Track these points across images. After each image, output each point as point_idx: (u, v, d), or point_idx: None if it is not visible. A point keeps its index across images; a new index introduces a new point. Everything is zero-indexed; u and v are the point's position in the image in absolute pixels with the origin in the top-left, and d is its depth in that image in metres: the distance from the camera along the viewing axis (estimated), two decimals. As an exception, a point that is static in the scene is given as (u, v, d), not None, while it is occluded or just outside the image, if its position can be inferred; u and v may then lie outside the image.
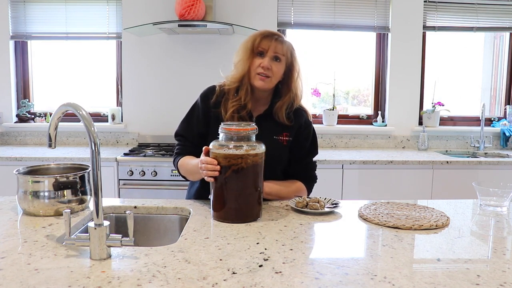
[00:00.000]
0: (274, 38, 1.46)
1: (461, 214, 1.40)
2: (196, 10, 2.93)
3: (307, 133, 1.58)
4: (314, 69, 3.55)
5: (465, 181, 2.79)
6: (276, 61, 1.46)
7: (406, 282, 0.87)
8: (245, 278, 0.88)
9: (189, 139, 1.55)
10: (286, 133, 1.53)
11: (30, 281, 0.86)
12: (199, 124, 1.53)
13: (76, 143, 3.41)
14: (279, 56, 1.46)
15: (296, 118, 1.54)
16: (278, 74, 1.48)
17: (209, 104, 1.51)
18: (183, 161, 1.51)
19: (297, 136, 1.55)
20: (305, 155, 1.59)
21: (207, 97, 1.52)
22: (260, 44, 1.45)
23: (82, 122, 1.00)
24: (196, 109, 1.55)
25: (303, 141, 1.57)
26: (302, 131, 1.56)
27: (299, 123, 1.55)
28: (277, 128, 1.52)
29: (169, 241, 1.31)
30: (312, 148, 1.61)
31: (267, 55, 1.45)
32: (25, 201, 1.30)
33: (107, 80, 3.51)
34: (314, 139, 1.61)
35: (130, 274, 0.90)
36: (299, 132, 1.55)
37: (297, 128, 1.55)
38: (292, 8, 3.35)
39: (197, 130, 1.53)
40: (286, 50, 1.47)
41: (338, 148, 3.41)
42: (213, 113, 1.50)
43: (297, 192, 1.55)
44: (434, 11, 3.39)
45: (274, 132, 1.51)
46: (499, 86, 3.66)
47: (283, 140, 1.52)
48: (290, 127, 1.53)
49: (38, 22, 3.35)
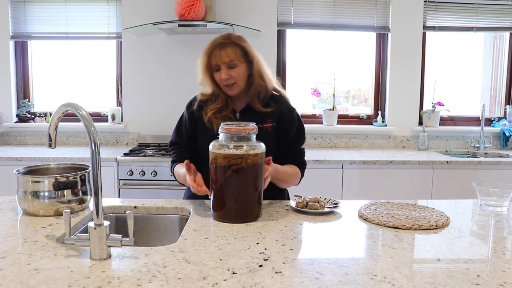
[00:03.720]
0: (218, 48, 1.50)
1: (461, 214, 1.40)
2: (196, 10, 2.93)
3: (291, 119, 1.61)
4: (314, 69, 3.55)
5: (465, 181, 2.79)
6: (232, 68, 1.51)
7: (406, 282, 0.87)
8: (245, 278, 0.88)
9: (183, 144, 1.64)
10: (269, 119, 1.57)
11: (30, 281, 0.86)
12: (187, 130, 1.62)
13: (76, 143, 3.41)
14: (230, 63, 1.50)
15: (276, 103, 1.59)
16: (241, 75, 1.52)
17: (192, 110, 1.61)
18: (176, 170, 1.60)
19: (280, 122, 1.58)
20: (292, 141, 1.62)
21: (191, 104, 1.63)
22: (209, 61, 1.52)
23: (82, 122, 1.00)
24: (183, 117, 1.65)
25: (288, 127, 1.60)
26: (285, 117, 1.59)
27: (281, 109, 1.59)
28: (260, 117, 1.55)
29: (169, 241, 1.31)
30: (299, 134, 1.64)
31: (221, 68, 1.51)
32: (25, 201, 1.30)
33: (107, 80, 3.51)
34: (299, 126, 1.64)
35: (130, 274, 0.90)
36: (282, 119, 1.59)
37: (279, 114, 1.58)
38: (292, 8, 3.35)
39: (187, 135, 1.62)
40: (233, 53, 1.50)
41: (338, 148, 3.41)
42: (197, 116, 1.59)
43: (295, 176, 1.61)
44: (434, 11, 3.39)
45: (258, 121, 1.53)
46: (499, 86, 3.66)
47: (268, 127, 1.56)
48: (272, 113, 1.57)
49: (38, 22, 3.35)
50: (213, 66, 1.52)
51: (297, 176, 1.62)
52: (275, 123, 1.57)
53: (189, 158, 1.55)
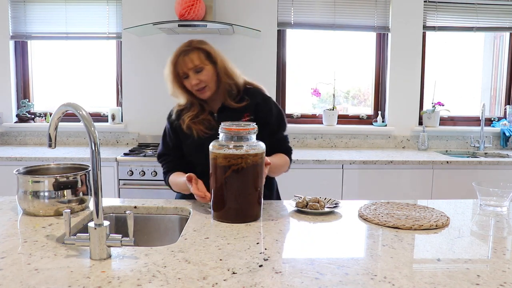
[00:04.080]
0: (181, 56, 1.52)
1: (461, 214, 1.40)
2: (196, 10, 2.93)
3: (268, 109, 1.61)
4: (314, 69, 3.55)
5: (465, 181, 2.79)
6: (199, 72, 1.52)
7: (406, 282, 0.87)
8: (245, 278, 0.88)
9: (170, 154, 1.65)
10: (247, 113, 1.58)
11: (30, 281, 0.86)
12: (172, 139, 1.64)
13: (76, 143, 3.41)
14: (197, 68, 1.51)
15: (250, 96, 1.59)
16: (210, 77, 1.54)
17: (172, 120, 1.64)
18: (171, 180, 1.61)
19: (258, 113, 1.59)
20: (274, 130, 1.62)
21: (170, 115, 1.66)
22: (176, 70, 1.53)
23: (82, 122, 1.00)
24: (166, 129, 1.67)
25: (266, 116, 1.60)
26: (261, 108, 1.60)
27: (255, 101, 1.60)
28: (237, 113, 1.57)
29: (169, 241, 1.31)
30: (279, 121, 1.64)
31: (189, 74, 1.52)
32: (25, 201, 1.30)
33: (107, 80, 3.51)
34: (279, 114, 1.64)
35: (130, 274, 0.90)
36: (259, 109, 1.59)
37: (255, 105, 1.59)
38: (292, 8, 3.35)
39: (172, 144, 1.64)
40: (197, 57, 1.51)
41: (338, 148, 3.41)
42: (177, 125, 1.61)
43: (286, 163, 1.62)
44: (434, 11, 3.39)
45: (235, 118, 1.56)
46: (499, 86, 3.66)
47: (245, 121, 1.56)
48: (248, 107, 1.58)
49: (38, 22, 3.35)
50: (181, 74, 1.53)
51: (286, 164, 1.63)
52: (252, 116, 1.58)
53: (180, 166, 1.62)
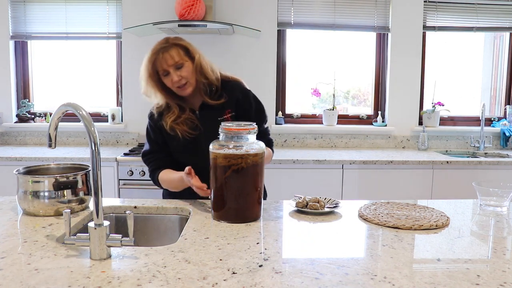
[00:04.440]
0: (161, 53, 1.48)
1: (461, 214, 1.40)
2: (196, 10, 2.93)
3: (248, 103, 1.60)
4: (314, 69, 3.55)
5: (465, 181, 2.79)
6: (180, 68, 1.49)
7: (406, 282, 0.87)
8: (245, 278, 0.88)
9: (157, 150, 1.62)
10: (228, 109, 1.57)
11: (30, 281, 0.86)
12: (157, 138, 1.61)
13: (76, 143, 3.41)
14: (177, 64, 1.48)
15: (229, 91, 1.58)
16: (191, 73, 1.51)
17: (154, 119, 1.60)
18: (162, 177, 1.58)
19: (238, 108, 1.58)
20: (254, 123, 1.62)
21: (152, 114, 1.62)
22: (155, 68, 1.49)
23: (82, 122, 1.00)
24: (149, 127, 1.64)
25: (247, 111, 1.59)
26: (241, 103, 1.59)
27: (236, 96, 1.58)
28: (218, 110, 1.56)
29: (169, 241, 1.31)
30: (259, 114, 1.63)
31: (170, 71, 1.49)
32: (25, 201, 1.30)
33: (107, 80, 3.51)
34: (258, 106, 1.63)
35: (130, 274, 0.90)
36: (239, 104, 1.58)
37: (235, 101, 1.58)
38: (292, 8, 3.35)
39: (158, 141, 1.61)
40: (176, 53, 1.49)
41: (338, 148, 3.41)
42: (161, 125, 1.58)
43: (269, 156, 1.60)
44: (434, 11, 3.39)
45: (217, 115, 1.55)
46: (499, 86, 3.66)
47: (228, 117, 1.57)
48: (229, 103, 1.57)
49: (38, 22, 3.35)
50: (160, 72, 1.49)
51: (269, 156, 1.62)
52: (233, 112, 1.57)
53: (169, 163, 1.60)
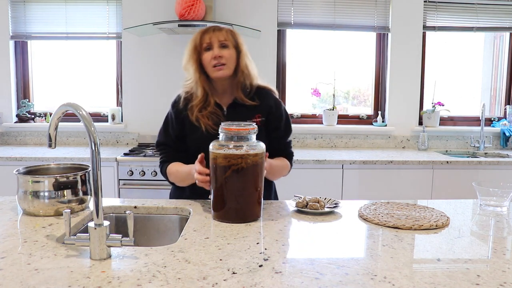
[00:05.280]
0: (212, 29, 1.53)
1: (461, 214, 1.40)
2: (196, 10, 2.93)
3: (280, 114, 1.62)
4: (314, 69, 3.55)
5: (465, 181, 2.79)
6: (224, 48, 1.52)
7: (406, 282, 0.87)
8: (245, 278, 0.88)
9: (170, 145, 1.62)
10: (258, 114, 1.58)
11: (30, 281, 0.86)
12: (175, 130, 1.60)
13: (76, 143, 3.41)
14: (224, 43, 1.51)
15: (263, 98, 1.59)
16: (232, 59, 1.53)
17: (179, 109, 1.59)
18: (171, 169, 1.58)
19: (270, 116, 1.59)
20: (281, 135, 1.63)
21: (176, 103, 1.61)
22: (202, 40, 1.52)
23: (82, 122, 1.00)
24: (169, 117, 1.63)
25: (277, 121, 1.61)
26: (274, 111, 1.60)
27: (269, 104, 1.59)
28: (249, 112, 1.56)
29: (169, 241, 1.31)
30: (287, 127, 1.65)
31: (214, 46, 1.51)
32: (25, 201, 1.30)
33: (107, 80, 3.51)
34: (287, 119, 1.66)
35: (130, 274, 0.90)
36: (271, 112, 1.59)
37: (268, 108, 1.59)
38: (292, 8, 3.35)
39: (174, 135, 1.60)
40: (227, 35, 1.53)
41: (338, 148, 3.41)
42: (185, 116, 1.57)
43: (286, 167, 1.62)
44: (434, 11, 3.39)
45: (247, 117, 1.55)
46: (499, 86, 3.66)
47: (257, 121, 1.56)
48: (261, 108, 1.58)
49: (38, 22, 3.35)
50: (204, 45, 1.51)
51: (286, 168, 1.64)
52: (264, 118, 1.58)
53: (179, 158, 1.59)
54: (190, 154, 1.53)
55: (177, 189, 1.64)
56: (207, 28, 1.54)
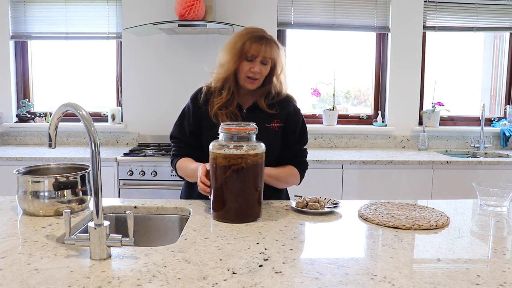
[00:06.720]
0: (264, 42, 1.48)
1: (461, 214, 1.40)
2: (196, 10, 2.93)
3: (297, 120, 1.62)
4: (314, 69, 3.55)
5: (465, 181, 2.79)
6: (264, 65, 1.50)
7: (406, 282, 0.87)
8: (245, 278, 0.88)
9: (183, 140, 1.60)
10: (277, 119, 1.58)
11: (30, 281, 0.86)
12: (190, 125, 1.58)
13: (76, 143, 3.41)
14: (267, 60, 1.49)
15: (282, 104, 1.59)
16: (265, 75, 1.53)
17: (198, 104, 1.57)
18: (181, 163, 1.57)
19: (287, 122, 1.59)
20: (296, 141, 1.62)
21: (196, 97, 1.59)
22: (250, 49, 1.47)
23: (82, 122, 1.00)
24: (187, 111, 1.61)
25: (294, 127, 1.61)
26: (292, 117, 1.60)
27: (288, 110, 1.60)
28: (268, 116, 1.56)
29: (169, 241, 1.31)
30: (303, 135, 1.65)
31: (256, 60, 1.48)
32: (25, 201, 1.30)
33: (107, 80, 3.51)
34: (303, 126, 1.65)
35: (130, 274, 0.90)
36: (289, 119, 1.59)
37: (287, 114, 1.59)
38: (292, 8, 3.35)
39: (189, 130, 1.59)
40: (274, 54, 1.50)
41: (338, 148, 3.41)
42: (204, 111, 1.55)
43: (293, 175, 1.60)
44: (434, 11, 3.39)
45: (265, 120, 1.55)
46: (499, 86, 3.66)
47: (275, 126, 1.57)
48: (280, 114, 1.57)
49: (38, 22, 3.35)
50: (248, 55, 1.47)
51: (294, 175, 1.60)
52: (282, 124, 1.58)
53: (189, 155, 1.58)
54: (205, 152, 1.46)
55: (187, 187, 1.65)
56: (260, 37, 1.48)
